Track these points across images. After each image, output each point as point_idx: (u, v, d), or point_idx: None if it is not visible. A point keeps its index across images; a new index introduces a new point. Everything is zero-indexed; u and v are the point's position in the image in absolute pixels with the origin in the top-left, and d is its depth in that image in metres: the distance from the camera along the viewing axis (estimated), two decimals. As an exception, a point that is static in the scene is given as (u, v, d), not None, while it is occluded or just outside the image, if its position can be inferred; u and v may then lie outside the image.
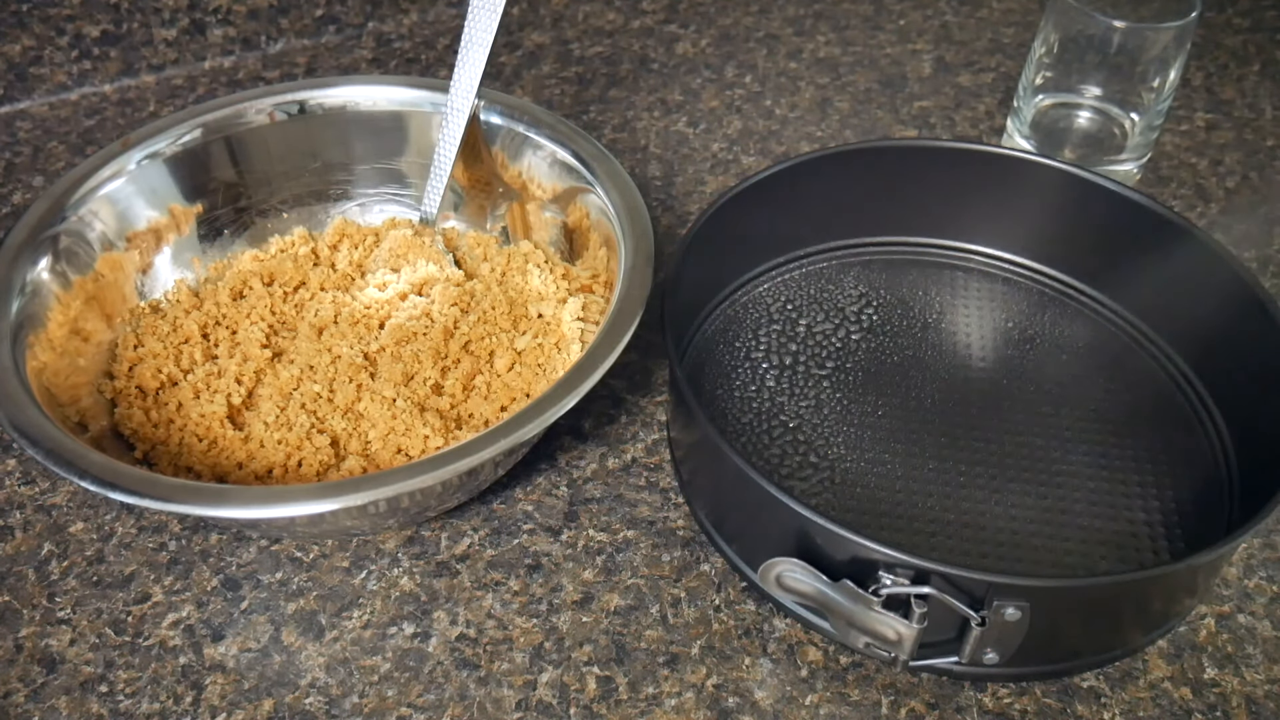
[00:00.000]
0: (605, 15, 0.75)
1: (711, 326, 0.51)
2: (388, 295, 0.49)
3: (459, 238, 0.54)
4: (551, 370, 0.46)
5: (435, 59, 0.71)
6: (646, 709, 0.39)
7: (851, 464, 0.45)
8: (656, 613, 0.42)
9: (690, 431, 0.41)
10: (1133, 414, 0.47)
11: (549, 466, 0.47)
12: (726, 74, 0.70)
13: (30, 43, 0.65)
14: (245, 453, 0.43)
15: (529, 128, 0.52)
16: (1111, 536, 0.43)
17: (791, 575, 0.37)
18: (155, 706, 0.39)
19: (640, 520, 0.45)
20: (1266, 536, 0.44)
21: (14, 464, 0.47)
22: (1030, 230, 0.52)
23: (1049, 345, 0.50)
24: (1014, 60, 0.71)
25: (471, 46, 0.50)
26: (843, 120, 0.66)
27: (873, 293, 0.52)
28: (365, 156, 0.54)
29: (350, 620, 0.42)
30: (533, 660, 0.40)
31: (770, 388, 0.48)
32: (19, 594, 0.43)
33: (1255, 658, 0.40)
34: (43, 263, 0.46)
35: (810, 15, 0.75)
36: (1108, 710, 0.39)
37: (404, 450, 0.43)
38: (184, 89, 0.68)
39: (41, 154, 0.63)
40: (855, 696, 0.39)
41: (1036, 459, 0.45)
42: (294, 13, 0.70)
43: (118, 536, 0.45)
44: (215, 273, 0.52)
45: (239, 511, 0.36)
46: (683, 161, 0.63)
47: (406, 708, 0.39)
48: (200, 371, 0.46)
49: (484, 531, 0.45)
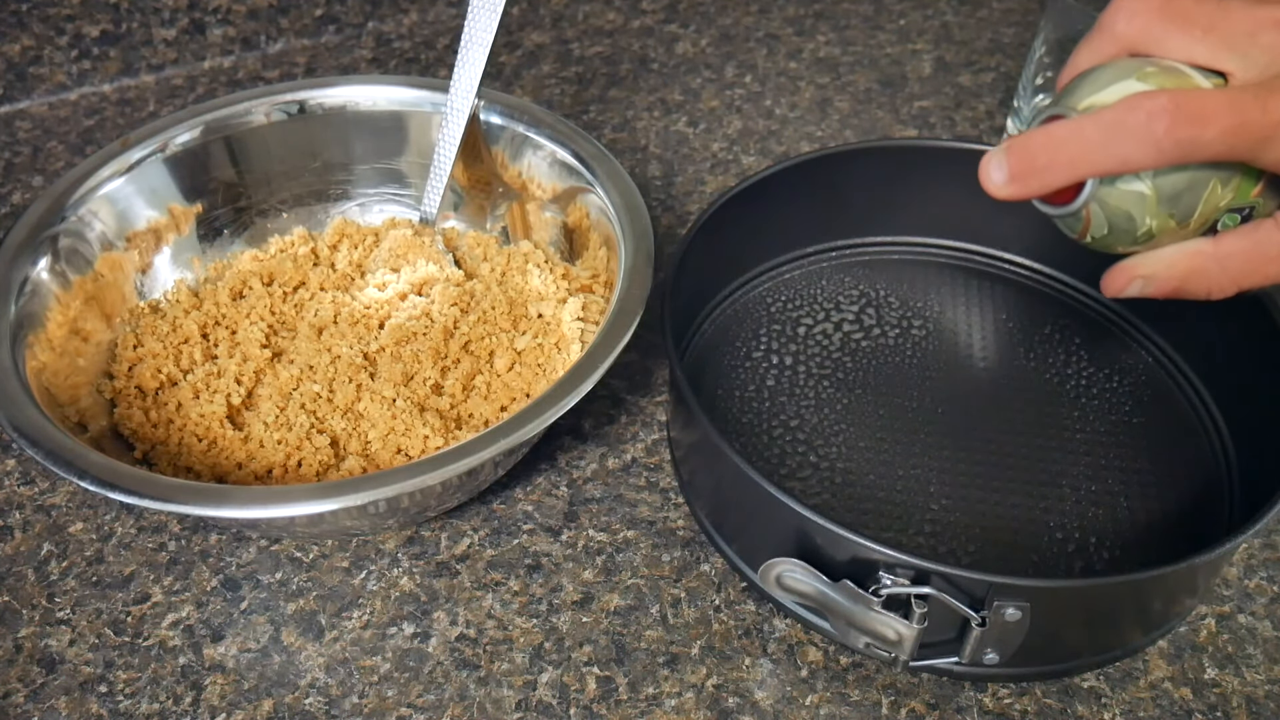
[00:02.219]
0: (605, 15, 0.75)
1: (711, 326, 0.51)
2: (387, 295, 0.49)
3: (459, 238, 0.54)
4: (551, 370, 0.46)
5: (435, 59, 0.71)
6: (646, 709, 0.39)
7: (851, 464, 0.45)
8: (656, 613, 0.42)
9: (690, 431, 0.41)
10: (1133, 414, 0.47)
11: (549, 466, 0.47)
12: (726, 74, 0.70)
13: (30, 43, 0.65)
14: (245, 453, 0.43)
15: (529, 128, 0.52)
16: (1112, 536, 0.43)
17: (791, 575, 0.37)
18: (155, 707, 0.39)
19: (640, 520, 0.45)
20: (1266, 536, 0.44)
21: (13, 464, 0.47)
22: (1030, 230, 0.52)
23: (1049, 345, 0.50)
24: (1014, 60, 0.71)
25: (471, 46, 0.50)
26: (843, 120, 0.66)
27: (873, 293, 0.52)
28: (365, 156, 0.54)
29: (350, 620, 0.42)
30: (533, 660, 0.40)
31: (770, 388, 0.48)
32: (18, 594, 0.43)
33: (1256, 658, 0.40)
34: (42, 262, 0.46)
35: (810, 15, 0.75)
36: (1108, 710, 0.39)
37: (404, 450, 0.43)
38: (184, 89, 0.68)
39: (41, 154, 0.63)
40: (855, 697, 0.39)
41: (1036, 459, 0.45)
42: (294, 13, 0.70)
43: (117, 536, 0.44)
44: (215, 273, 0.52)
45: (239, 511, 0.36)
46: (683, 161, 0.63)
47: (406, 708, 0.39)
48: (200, 371, 0.46)
49: (484, 531, 0.45)
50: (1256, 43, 0.32)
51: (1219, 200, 0.34)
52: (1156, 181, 0.33)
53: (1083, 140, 0.32)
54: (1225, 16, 0.33)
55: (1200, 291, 0.36)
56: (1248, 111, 0.31)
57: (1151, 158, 0.31)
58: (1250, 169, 0.33)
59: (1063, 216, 0.35)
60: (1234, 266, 0.35)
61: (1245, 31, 0.32)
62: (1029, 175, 0.34)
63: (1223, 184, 0.33)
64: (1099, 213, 0.34)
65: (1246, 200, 0.34)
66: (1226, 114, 0.31)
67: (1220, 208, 0.34)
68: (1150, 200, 0.33)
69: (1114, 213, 0.34)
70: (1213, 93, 0.31)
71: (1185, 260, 0.35)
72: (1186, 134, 0.31)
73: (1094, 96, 0.33)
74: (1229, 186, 0.33)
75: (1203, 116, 0.31)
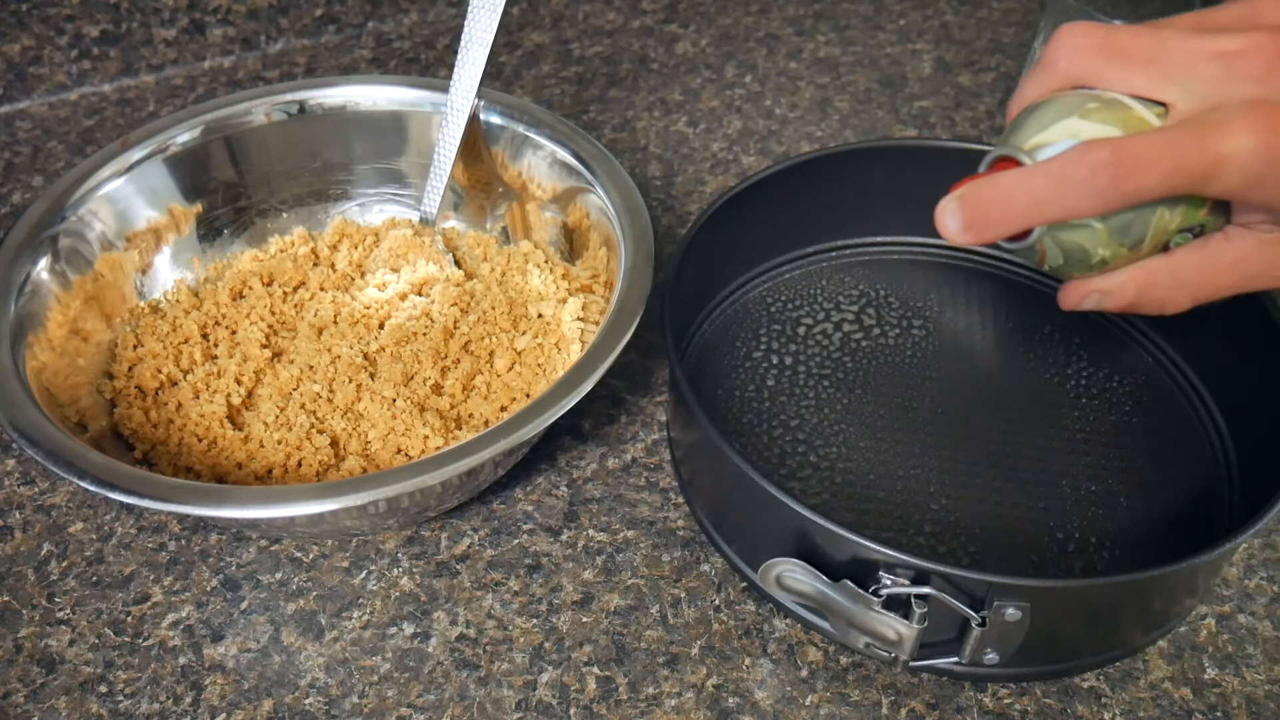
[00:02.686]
0: (605, 15, 0.75)
1: (711, 326, 0.51)
2: (387, 295, 0.49)
3: (459, 238, 0.54)
4: (551, 370, 0.46)
5: (435, 59, 0.71)
6: (646, 709, 0.39)
7: (851, 464, 0.45)
8: (656, 613, 0.42)
9: (690, 431, 0.41)
10: (1133, 414, 0.47)
11: (549, 466, 0.47)
12: (726, 74, 0.70)
13: (30, 43, 0.65)
14: (245, 453, 0.43)
15: (529, 128, 0.52)
16: (1112, 536, 0.43)
17: (791, 575, 0.37)
18: (155, 707, 0.39)
19: (640, 520, 0.45)
20: (1266, 536, 0.44)
21: (13, 464, 0.47)
22: (1030, 230, 0.52)
23: (1049, 345, 0.50)
24: (1014, 60, 0.71)
25: (471, 46, 0.50)
26: (843, 120, 0.66)
27: (873, 293, 0.52)
28: (365, 156, 0.54)
29: (350, 620, 0.42)
30: (533, 660, 0.40)
31: (770, 388, 0.48)
32: (18, 594, 0.43)
33: (1256, 658, 0.40)
34: (42, 262, 0.46)
35: (810, 15, 0.75)
36: (1108, 710, 0.39)
37: (404, 450, 0.43)
38: (184, 89, 0.68)
39: (41, 154, 0.63)
40: (855, 697, 0.39)
41: (1036, 459, 0.45)
42: (294, 13, 0.70)
43: (117, 536, 0.44)
44: (215, 273, 0.52)
45: (239, 511, 0.36)
46: (683, 161, 0.63)
47: (406, 708, 0.39)
48: (200, 371, 0.46)
49: (484, 531, 0.45)
50: (1194, 74, 0.33)
51: (1168, 224, 0.35)
52: (1105, 220, 0.34)
53: (1031, 193, 0.34)
54: (1162, 49, 0.34)
55: (1154, 305, 0.37)
56: (1186, 153, 0.32)
57: (1097, 207, 0.33)
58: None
59: (1017, 250, 0.36)
60: (1187, 279, 0.36)
61: (1182, 63, 0.33)
62: (981, 226, 0.35)
63: (1169, 210, 0.34)
64: (1053, 247, 0.36)
65: (1195, 221, 0.35)
66: (1166, 159, 0.32)
67: (1170, 230, 0.35)
68: (1100, 234, 0.35)
69: (1067, 247, 0.35)
70: (1151, 138, 0.32)
71: (1140, 276, 0.36)
72: (1129, 185, 0.32)
73: (1039, 135, 0.35)
74: (1176, 212, 0.34)
75: (1142, 165, 0.32)
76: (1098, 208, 0.33)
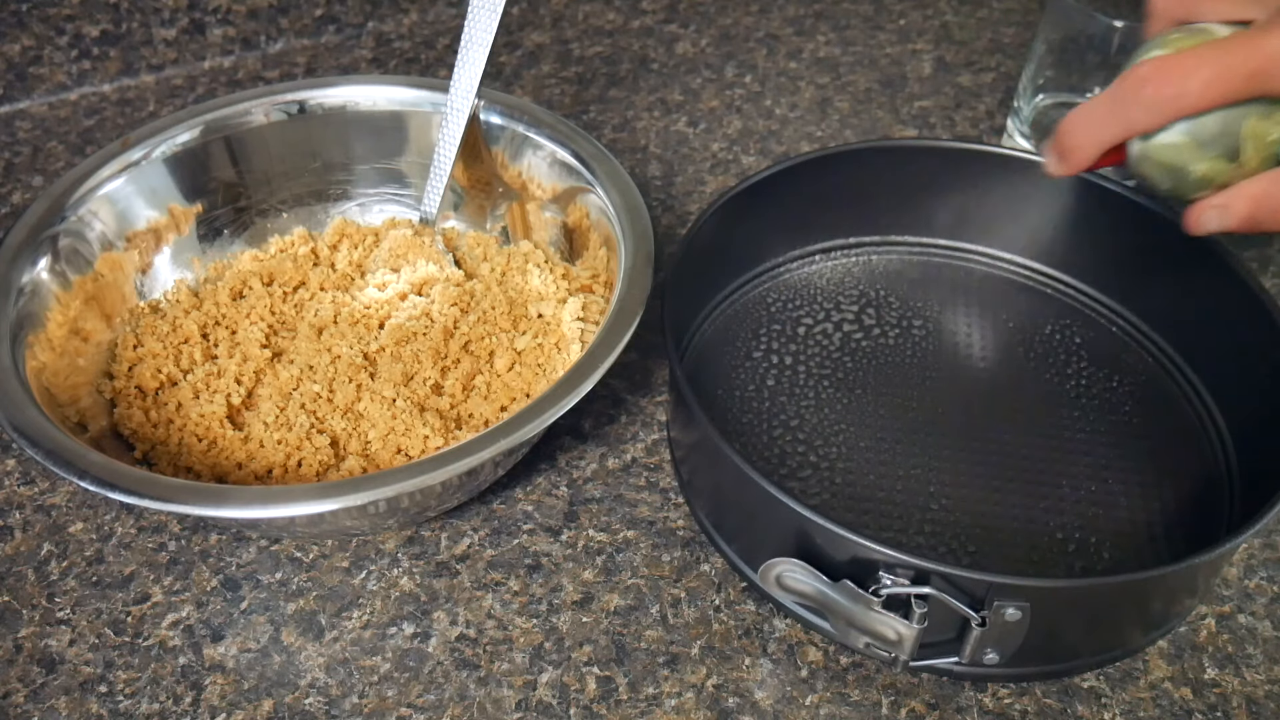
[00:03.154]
0: (605, 15, 0.75)
1: (711, 326, 0.51)
2: (387, 295, 0.49)
3: (459, 238, 0.54)
4: (551, 370, 0.46)
5: (435, 59, 0.71)
6: (646, 709, 0.39)
7: (851, 464, 0.45)
8: (656, 613, 0.42)
9: (690, 431, 0.41)
10: (1133, 414, 0.47)
11: (549, 466, 0.47)
12: (726, 74, 0.70)
13: (30, 43, 0.65)
14: (245, 453, 0.43)
15: (529, 128, 0.52)
16: (1112, 536, 0.43)
17: (791, 575, 0.37)
18: (155, 707, 0.39)
19: (640, 520, 0.45)
20: (1266, 536, 0.44)
21: (13, 464, 0.47)
22: (1030, 230, 0.52)
23: (1049, 345, 0.50)
24: (1014, 60, 0.71)
25: (471, 46, 0.50)
26: (843, 120, 0.66)
27: (873, 293, 0.52)
28: (365, 156, 0.54)
29: (350, 620, 0.42)
30: (533, 660, 0.40)
31: (770, 388, 0.48)
32: (18, 594, 0.43)
33: (1256, 658, 0.40)
34: (42, 263, 0.46)
35: (810, 15, 0.75)
36: (1108, 710, 0.39)
37: (404, 450, 0.43)
38: (184, 89, 0.68)
39: (41, 154, 0.63)
40: (855, 697, 0.39)
41: (1036, 459, 0.45)
42: (294, 13, 0.70)
43: (117, 536, 0.44)
44: (215, 273, 0.52)
45: (239, 511, 0.36)
46: (683, 161, 0.63)
47: (406, 708, 0.39)
48: (200, 371, 0.46)
49: (484, 531, 0.45)
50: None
51: (1266, 134, 0.35)
52: (1190, 129, 0.36)
53: (1094, 117, 0.37)
54: None
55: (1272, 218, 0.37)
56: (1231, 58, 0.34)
57: (1152, 117, 0.35)
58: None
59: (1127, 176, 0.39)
60: None
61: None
62: (1066, 153, 0.40)
63: (1262, 118, 0.35)
64: (1154, 169, 0.38)
65: None
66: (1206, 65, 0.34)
67: (1271, 140, 0.36)
68: (1189, 147, 0.36)
69: (1163, 165, 0.37)
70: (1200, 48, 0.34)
71: (1252, 186, 0.37)
72: (1171, 90, 0.34)
73: None
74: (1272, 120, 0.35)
75: (1182, 73, 0.34)
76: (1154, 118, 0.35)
